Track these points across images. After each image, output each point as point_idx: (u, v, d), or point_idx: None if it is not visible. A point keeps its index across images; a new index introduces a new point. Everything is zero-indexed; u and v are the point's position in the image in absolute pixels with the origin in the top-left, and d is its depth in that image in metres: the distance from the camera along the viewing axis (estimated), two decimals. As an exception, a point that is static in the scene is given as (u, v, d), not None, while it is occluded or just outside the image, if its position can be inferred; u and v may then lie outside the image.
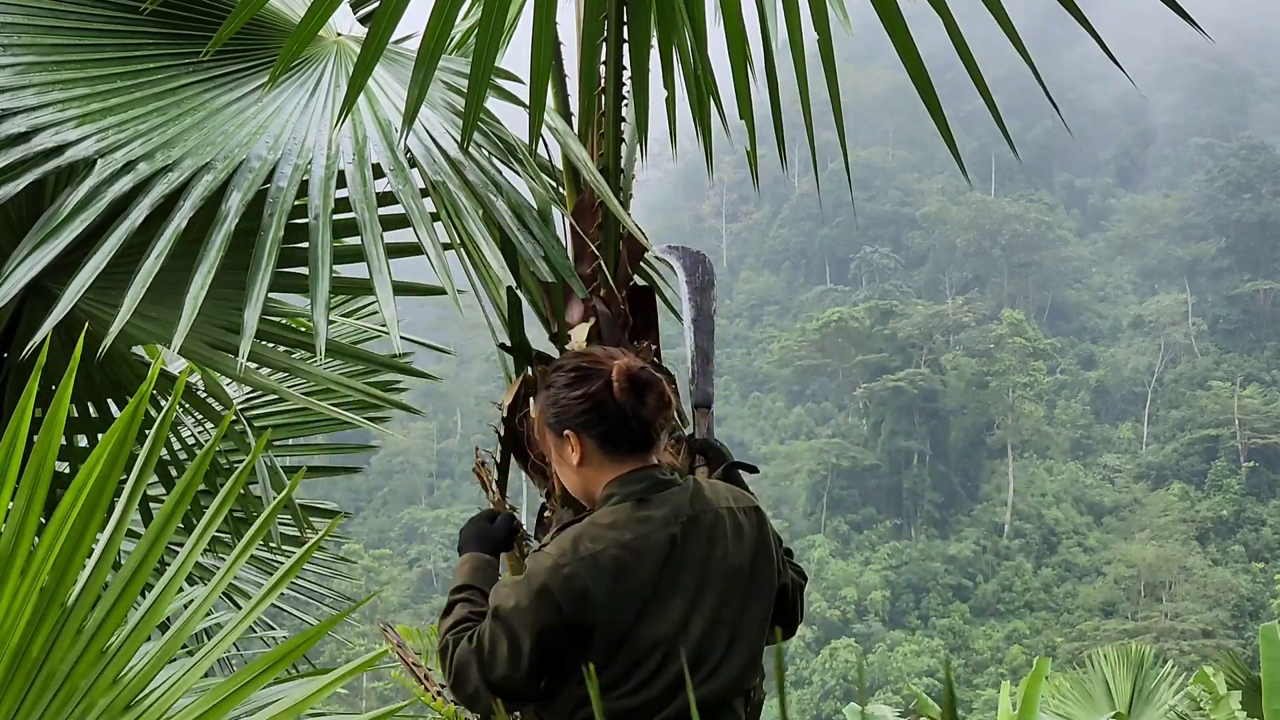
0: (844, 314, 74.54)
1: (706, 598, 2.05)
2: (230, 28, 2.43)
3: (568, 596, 2.01)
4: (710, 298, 3.01)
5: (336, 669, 2.37)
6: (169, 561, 2.38)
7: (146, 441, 2.28)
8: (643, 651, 2.02)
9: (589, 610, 2.01)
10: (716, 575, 2.06)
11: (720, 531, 2.08)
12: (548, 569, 2.03)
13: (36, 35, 2.92)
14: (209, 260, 2.67)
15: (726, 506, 2.12)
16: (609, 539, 2.03)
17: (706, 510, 2.09)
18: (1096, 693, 10.88)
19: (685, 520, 2.07)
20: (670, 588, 2.04)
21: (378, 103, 3.12)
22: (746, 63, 3.10)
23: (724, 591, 2.06)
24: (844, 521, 68.26)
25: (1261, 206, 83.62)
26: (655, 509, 2.06)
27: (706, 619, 2.04)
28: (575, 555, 2.03)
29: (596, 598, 2.01)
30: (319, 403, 4.09)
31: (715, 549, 2.07)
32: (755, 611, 2.10)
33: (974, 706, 51.78)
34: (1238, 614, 57.66)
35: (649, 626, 2.02)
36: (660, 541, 2.04)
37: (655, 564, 2.04)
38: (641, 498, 2.07)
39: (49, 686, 2.16)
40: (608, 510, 2.09)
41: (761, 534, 2.14)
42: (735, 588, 2.08)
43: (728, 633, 2.06)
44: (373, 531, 70.33)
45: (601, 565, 2.02)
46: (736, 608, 2.07)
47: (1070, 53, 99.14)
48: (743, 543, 2.10)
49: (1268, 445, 67.87)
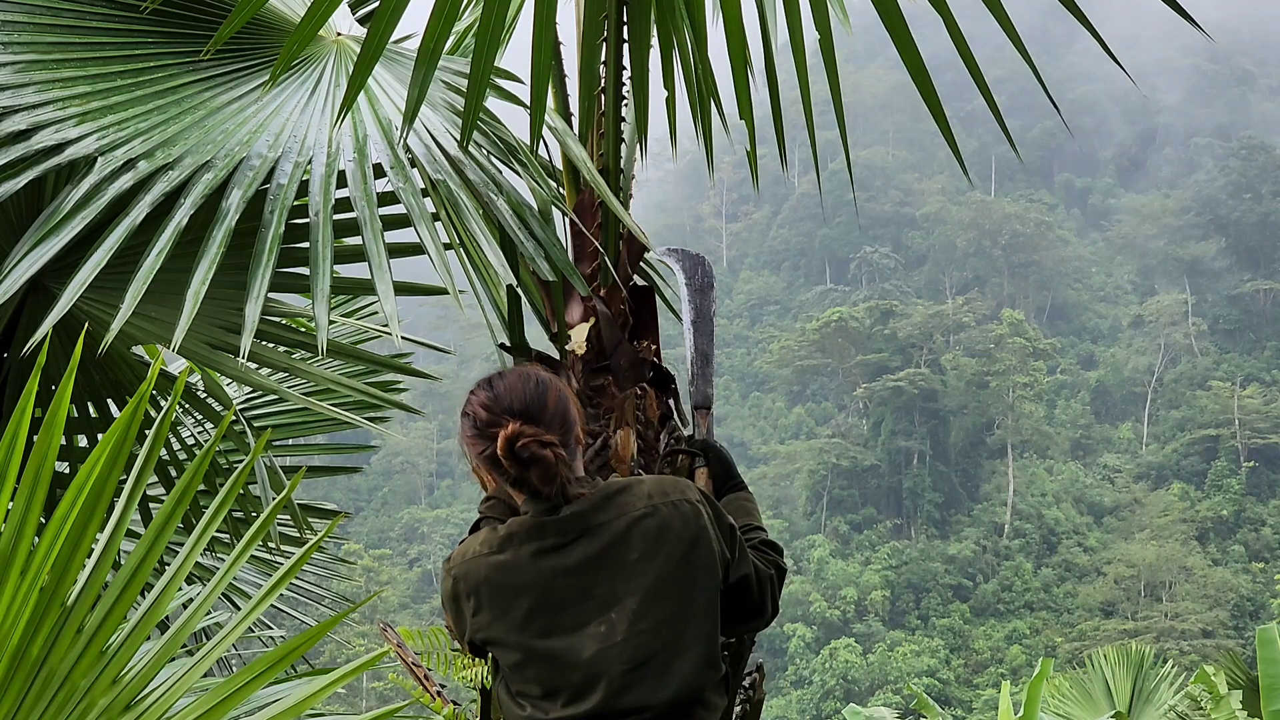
0: (844, 314, 74.54)
1: (627, 602, 2.01)
2: (230, 27, 2.43)
3: (455, 599, 2.10)
4: (710, 300, 3.00)
5: (336, 669, 2.38)
6: (169, 561, 2.38)
7: (146, 442, 2.28)
8: (563, 663, 2.00)
9: (478, 618, 2.06)
10: (636, 577, 2.02)
11: (636, 533, 2.03)
12: (446, 568, 2.14)
13: (37, 33, 2.92)
14: (210, 256, 2.67)
15: (647, 506, 2.06)
16: (492, 547, 2.06)
17: (615, 516, 2.05)
18: (1096, 693, 10.89)
19: (585, 530, 2.04)
20: (577, 597, 2.02)
21: (378, 102, 3.12)
22: (746, 63, 3.10)
23: (651, 592, 2.01)
24: (844, 521, 68.27)
25: (1261, 206, 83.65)
26: (551, 521, 2.05)
27: (632, 622, 2.00)
28: (462, 559, 2.10)
29: (479, 605, 2.05)
30: (319, 403, 4.09)
31: (629, 551, 2.03)
32: (696, 603, 2.05)
33: (974, 706, 51.85)
34: (1238, 614, 57.69)
35: (557, 639, 2.01)
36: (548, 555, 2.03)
37: (542, 577, 2.02)
38: (547, 511, 2.06)
39: (49, 686, 2.16)
40: (507, 522, 2.11)
41: (699, 524, 2.07)
42: (663, 585, 2.03)
43: (669, 631, 2.02)
44: (373, 531, 70.37)
45: (480, 575, 2.06)
46: (669, 606, 2.03)
47: (1070, 52, 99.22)
48: (669, 538, 2.04)
49: (1268, 445, 67.89)
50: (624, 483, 2.13)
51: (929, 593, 64.00)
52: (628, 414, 2.84)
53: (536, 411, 2.08)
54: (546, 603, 2.02)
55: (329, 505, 5.21)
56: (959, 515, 69.81)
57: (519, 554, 2.04)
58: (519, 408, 2.07)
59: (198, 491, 3.11)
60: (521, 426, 2.03)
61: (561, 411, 2.12)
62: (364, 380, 4.24)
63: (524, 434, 2.02)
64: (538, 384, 2.12)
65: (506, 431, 2.02)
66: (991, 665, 58.30)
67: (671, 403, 2.93)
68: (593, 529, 2.04)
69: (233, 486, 2.34)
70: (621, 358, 2.87)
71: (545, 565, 2.03)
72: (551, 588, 2.02)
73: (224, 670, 4.56)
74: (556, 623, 2.02)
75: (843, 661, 55.67)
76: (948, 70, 3.79)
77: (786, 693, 55.72)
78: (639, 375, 2.89)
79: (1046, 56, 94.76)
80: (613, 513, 2.06)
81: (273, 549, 4.53)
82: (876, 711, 11.88)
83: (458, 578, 2.09)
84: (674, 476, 2.23)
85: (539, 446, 2.01)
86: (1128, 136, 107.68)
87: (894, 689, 52.83)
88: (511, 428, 2.02)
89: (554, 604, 2.02)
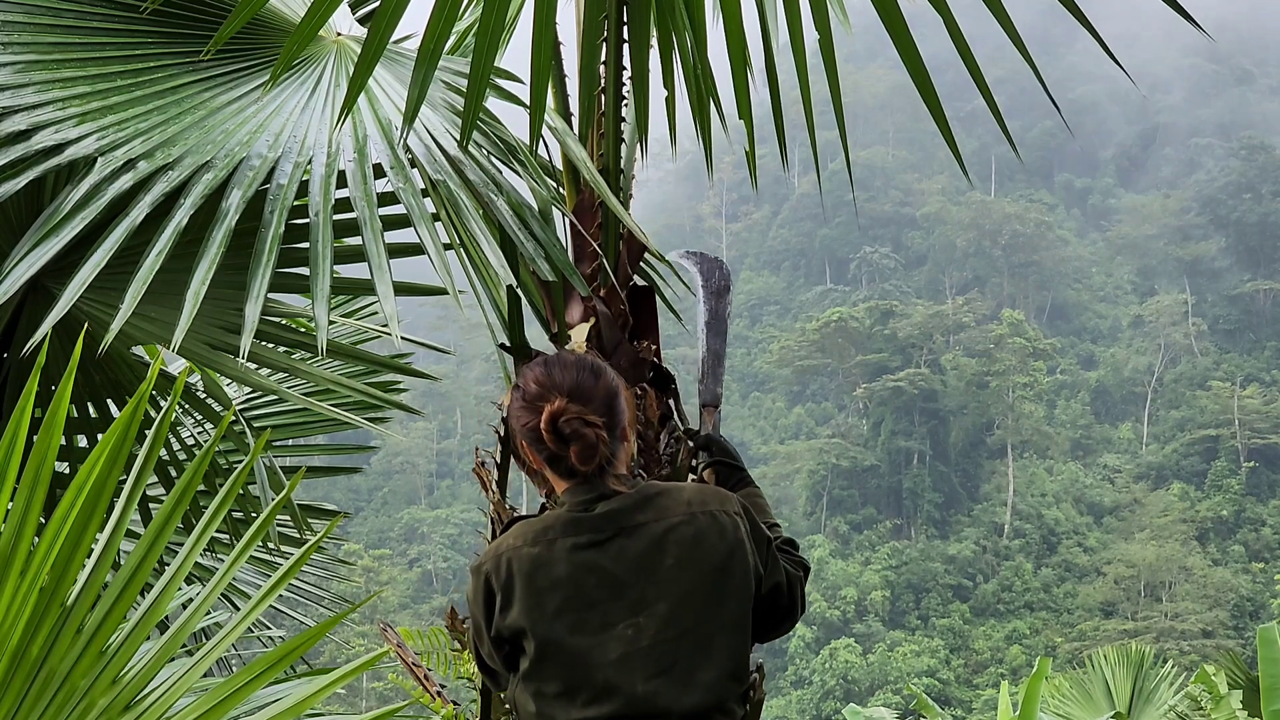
0: (844, 314, 74.53)
1: (657, 607, 2.01)
2: (230, 27, 2.43)
3: (487, 595, 2.09)
4: (725, 302, 3.02)
5: (336, 669, 2.38)
6: (169, 561, 2.38)
7: (146, 442, 2.29)
8: (587, 662, 2.00)
9: (507, 611, 2.05)
10: (668, 583, 2.02)
11: (673, 539, 2.04)
12: (474, 569, 2.13)
13: (37, 34, 2.93)
14: (210, 256, 2.68)
15: (686, 513, 2.07)
16: (527, 540, 2.07)
17: (654, 519, 2.06)
18: (1096, 693, 10.89)
19: (622, 529, 2.04)
20: (608, 597, 2.02)
21: (378, 102, 3.13)
22: (746, 63, 3.10)
23: (682, 600, 2.02)
24: (844, 521, 68.27)
25: (1261, 206, 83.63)
26: (588, 517, 2.06)
27: (660, 629, 2.00)
28: (494, 554, 2.10)
29: (509, 598, 2.05)
30: (319, 403, 4.10)
31: (664, 557, 2.03)
32: (726, 615, 2.05)
33: (974, 707, 51.84)
34: (1238, 614, 57.68)
35: (584, 636, 2.01)
36: (584, 550, 2.04)
37: (575, 572, 2.03)
38: (584, 507, 2.07)
39: (49, 686, 2.16)
40: (542, 516, 2.12)
41: (736, 537, 2.09)
42: (695, 594, 2.03)
43: (696, 640, 2.02)
44: (373, 531, 70.35)
45: (514, 567, 2.06)
46: (699, 616, 2.03)
47: (1070, 52, 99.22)
48: (705, 548, 2.05)
49: (1268, 445, 67.88)
50: (665, 486, 2.14)
51: (929, 593, 64.00)
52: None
53: (586, 393, 2.10)
54: (578, 599, 2.02)
55: (329, 505, 5.22)
56: (959, 515, 69.81)
57: (555, 548, 2.05)
58: (569, 386, 2.10)
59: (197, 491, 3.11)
60: (568, 404, 2.06)
61: (610, 398, 2.14)
62: (364, 380, 4.25)
63: (569, 410, 2.06)
64: (593, 369, 2.15)
65: (552, 407, 2.06)
66: (991, 665, 58.29)
67: (671, 403, 2.94)
68: (630, 529, 2.05)
69: (232, 486, 2.34)
70: (621, 358, 2.87)
71: (580, 560, 2.04)
72: (584, 584, 2.03)
73: (224, 670, 4.56)
74: (585, 620, 2.02)
75: (843, 662, 55.67)
76: (948, 70, 3.79)
77: (786, 693, 55.74)
78: (639, 375, 2.89)
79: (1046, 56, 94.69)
80: (651, 515, 2.07)
81: (272, 549, 4.53)
82: (876, 712, 11.89)
83: (489, 572, 2.09)
84: (715, 487, 2.23)
85: (582, 424, 2.05)
86: (1128, 136, 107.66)
87: (894, 689, 52.82)
88: (558, 403, 2.06)
89: (585, 601, 2.02)
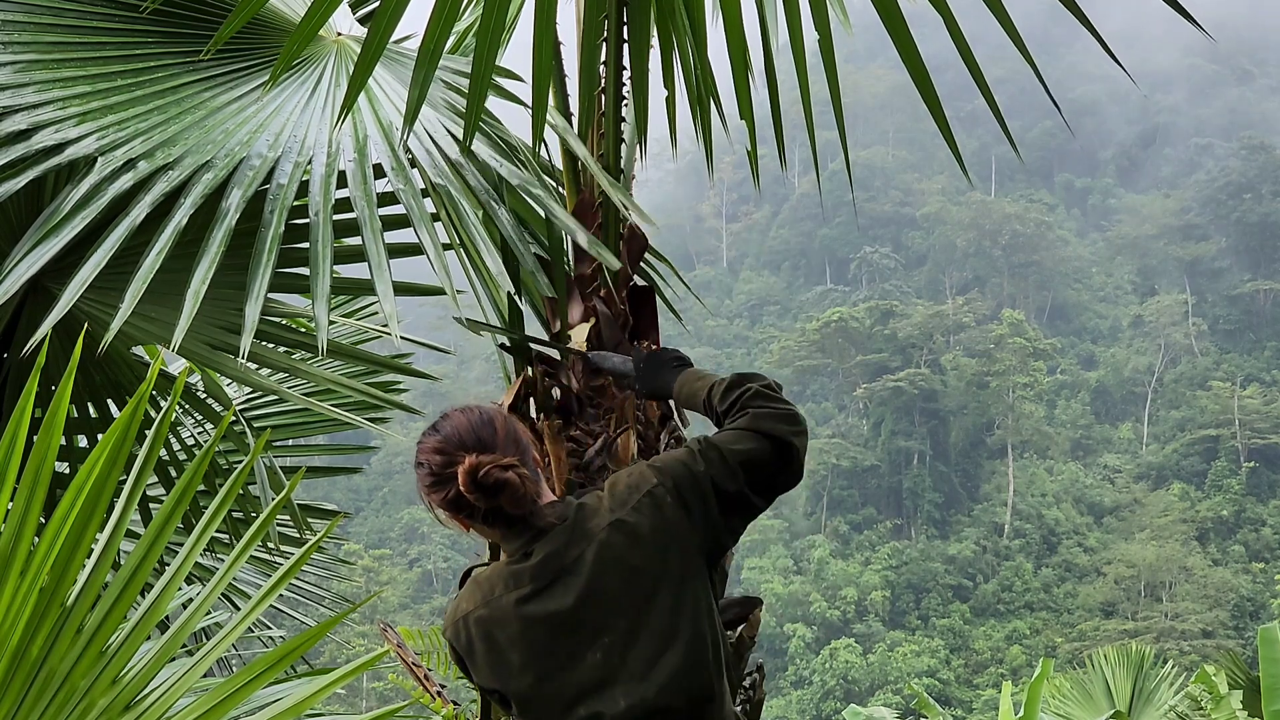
0: (844, 314, 74.50)
1: (618, 624, 1.99)
2: (231, 27, 2.43)
3: (458, 659, 2.13)
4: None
5: (336, 669, 2.38)
6: (169, 561, 2.38)
7: (146, 442, 2.29)
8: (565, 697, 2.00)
9: (480, 672, 2.08)
10: (618, 600, 2.00)
11: (609, 558, 2.01)
12: (443, 632, 2.18)
13: (37, 33, 2.92)
14: (210, 256, 2.68)
15: (611, 522, 2.03)
16: (477, 602, 2.08)
17: (586, 546, 2.02)
18: (1097, 693, 10.89)
19: (562, 570, 2.01)
20: (566, 636, 2.00)
21: (378, 102, 3.13)
22: (746, 63, 3.10)
23: (639, 606, 2.00)
24: (844, 521, 68.25)
25: (1261, 206, 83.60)
26: (527, 567, 2.03)
27: (627, 642, 1.99)
28: (452, 622, 2.12)
29: (474, 661, 2.08)
30: (319, 403, 4.09)
31: (606, 580, 2.00)
32: (686, 595, 2.02)
33: (974, 707, 51.83)
34: (1238, 614, 57.66)
35: (553, 682, 2.00)
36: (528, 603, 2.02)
37: (526, 629, 2.02)
38: (522, 554, 2.05)
39: (49, 686, 2.16)
40: (489, 569, 2.11)
41: (663, 516, 2.03)
42: (651, 594, 2.00)
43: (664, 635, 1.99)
44: (373, 531, 70.31)
45: (472, 632, 2.08)
46: (661, 610, 2.00)
47: (1071, 52, 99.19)
48: (640, 549, 2.02)
49: (1268, 445, 67.84)
50: (587, 500, 2.10)
51: (929, 593, 63.98)
52: (628, 414, 2.85)
53: (489, 441, 2.06)
54: (537, 650, 2.02)
55: (329, 505, 5.22)
56: (959, 515, 69.79)
57: (502, 605, 2.04)
58: (471, 441, 2.05)
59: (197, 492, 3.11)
60: (479, 457, 2.01)
61: (513, 437, 2.10)
62: (364, 380, 4.25)
63: (483, 463, 2.00)
64: (481, 415, 2.10)
65: (465, 465, 2.00)
66: (991, 665, 58.28)
67: (671, 403, 2.93)
68: (568, 567, 2.02)
69: (232, 486, 2.34)
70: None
71: (527, 614, 2.02)
72: (537, 638, 2.02)
73: (224, 670, 4.56)
74: (548, 668, 2.02)
75: (843, 662, 55.65)
76: (948, 70, 3.79)
77: (786, 693, 55.72)
78: (639, 375, 2.88)
79: (1047, 56, 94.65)
80: (583, 543, 2.03)
81: (272, 549, 4.53)
82: (877, 712, 11.88)
83: (452, 641, 2.13)
84: (630, 469, 2.15)
85: (500, 470, 1.99)
86: (1128, 136, 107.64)
87: (894, 689, 52.81)
88: (469, 460, 2.01)
89: (543, 651, 2.01)
